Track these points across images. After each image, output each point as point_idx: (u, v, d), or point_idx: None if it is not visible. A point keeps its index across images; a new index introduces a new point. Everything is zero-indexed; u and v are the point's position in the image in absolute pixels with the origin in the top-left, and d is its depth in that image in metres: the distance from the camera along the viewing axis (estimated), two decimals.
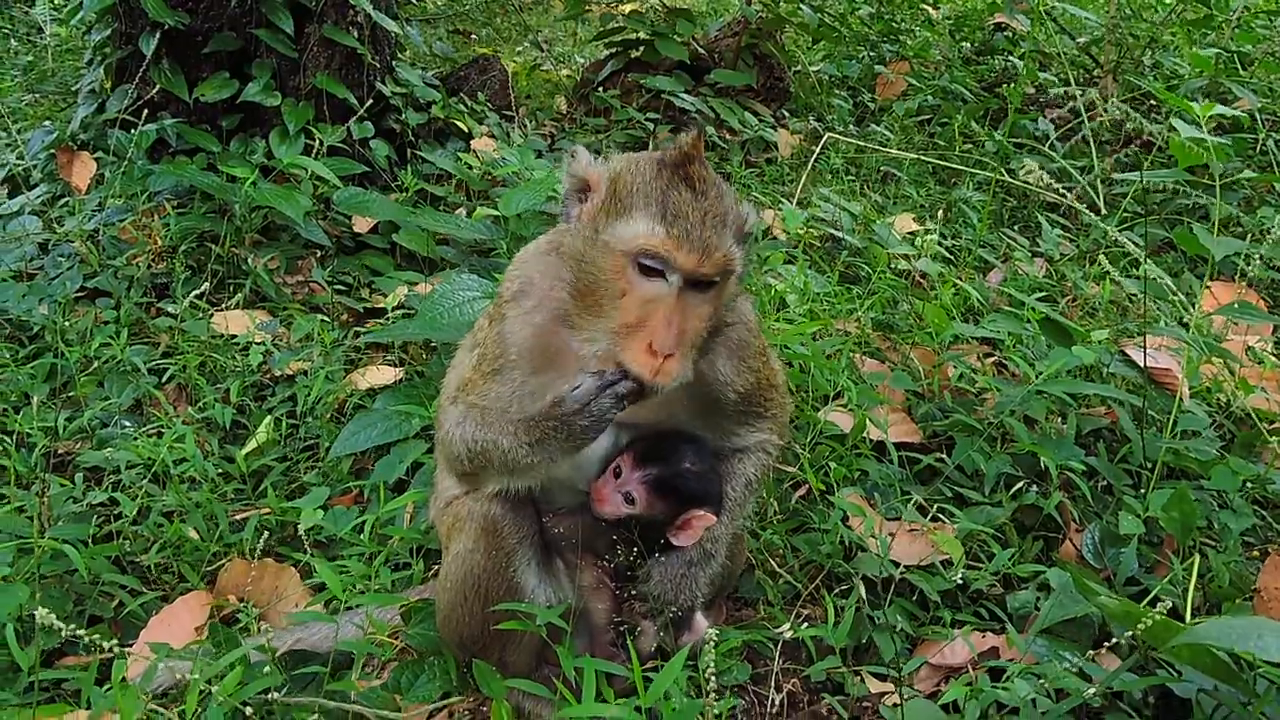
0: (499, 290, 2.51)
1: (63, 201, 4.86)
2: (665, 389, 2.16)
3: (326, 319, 4.33)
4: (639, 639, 2.51)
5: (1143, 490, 3.15)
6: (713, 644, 2.06)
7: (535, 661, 2.57)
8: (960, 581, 2.77)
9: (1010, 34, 7.90)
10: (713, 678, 2.02)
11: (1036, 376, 3.28)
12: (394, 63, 5.81)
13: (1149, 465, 3.21)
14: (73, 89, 6.43)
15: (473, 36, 9.60)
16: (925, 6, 8.60)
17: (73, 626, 2.01)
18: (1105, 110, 4.52)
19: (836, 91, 7.44)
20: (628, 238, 2.11)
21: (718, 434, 2.55)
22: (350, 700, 2.38)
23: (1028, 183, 3.68)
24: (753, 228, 2.33)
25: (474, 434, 2.36)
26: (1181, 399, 3.24)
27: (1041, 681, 2.34)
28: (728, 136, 6.75)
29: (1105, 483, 3.35)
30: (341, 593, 2.42)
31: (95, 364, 3.89)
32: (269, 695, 2.16)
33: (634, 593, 2.49)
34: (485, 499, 2.45)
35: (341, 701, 2.36)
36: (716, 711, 2.09)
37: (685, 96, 6.78)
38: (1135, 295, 4.15)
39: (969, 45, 8.21)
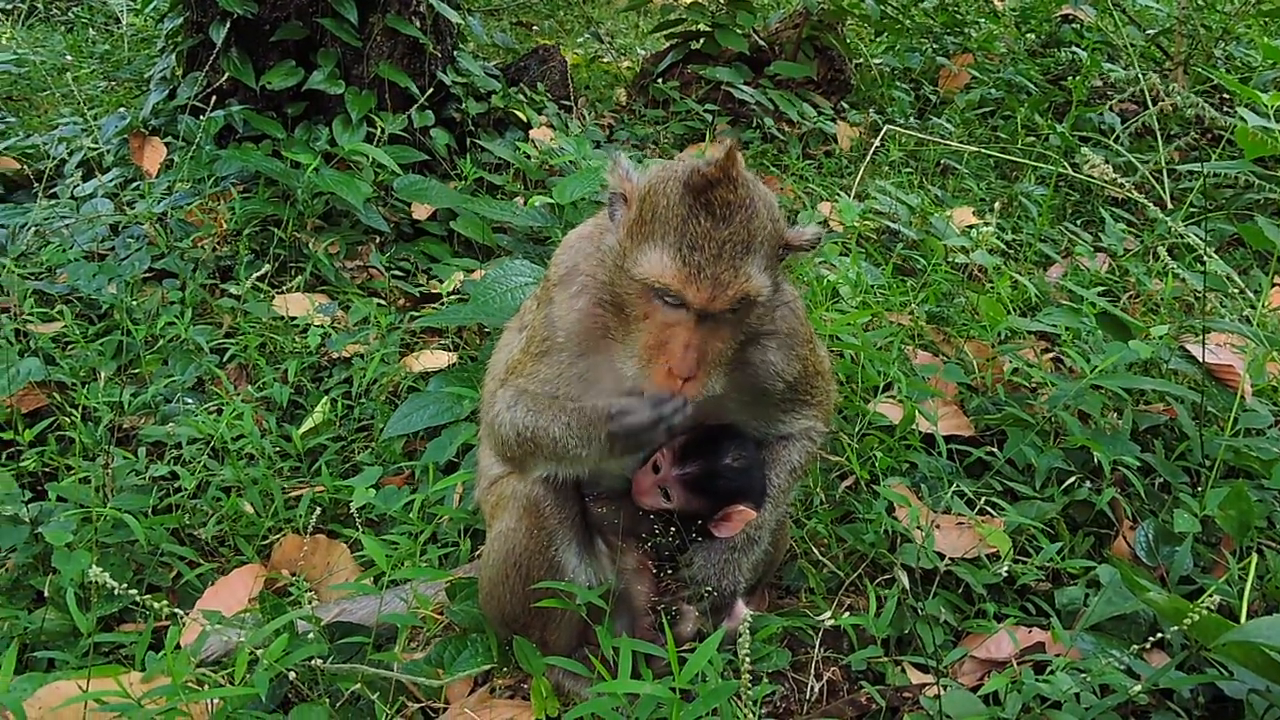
0: (546, 273, 2.53)
1: (134, 185, 5.00)
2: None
3: (384, 303, 4.41)
4: (679, 623, 2.52)
5: (1200, 489, 3.08)
6: (747, 625, 2.06)
7: (575, 641, 2.60)
8: (1006, 575, 2.73)
9: (1078, 25, 7.73)
10: (747, 660, 2.02)
11: (1092, 372, 3.22)
12: (455, 53, 5.88)
13: (1207, 463, 3.14)
14: (146, 76, 6.63)
15: (534, 28, 9.67)
16: None
17: (124, 585, 2.07)
18: (1168, 94, 4.39)
19: (898, 84, 7.35)
20: (645, 269, 2.11)
21: (763, 421, 2.55)
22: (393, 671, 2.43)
23: (1091, 176, 3.61)
24: (806, 240, 2.27)
25: (525, 419, 2.37)
26: (1243, 396, 3.16)
27: (1085, 677, 2.30)
28: (786, 129, 6.71)
29: (1161, 480, 3.27)
30: (388, 567, 2.46)
31: (160, 342, 4.00)
32: (313, 662, 2.21)
33: (675, 575, 2.50)
34: (529, 480, 2.47)
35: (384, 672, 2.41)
36: (752, 695, 2.09)
37: (745, 88, 6.75)
38: (1198, 291, 4.06)
39: (1035, 37, 8.06)
